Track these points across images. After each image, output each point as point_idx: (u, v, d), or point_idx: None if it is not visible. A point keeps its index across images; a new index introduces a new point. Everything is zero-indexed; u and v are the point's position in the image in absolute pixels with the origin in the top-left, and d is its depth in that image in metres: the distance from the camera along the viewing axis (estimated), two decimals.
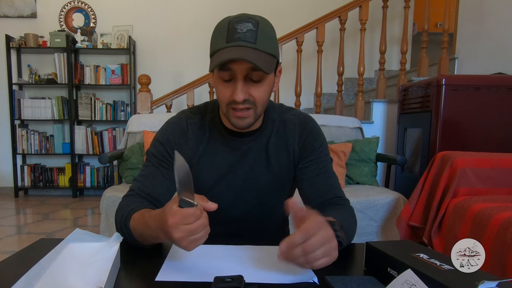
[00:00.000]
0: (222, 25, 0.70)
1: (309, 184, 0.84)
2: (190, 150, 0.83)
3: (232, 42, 0.67)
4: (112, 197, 1.78)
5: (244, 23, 0.68)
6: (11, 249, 2.17)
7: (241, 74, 0.69)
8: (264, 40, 0.69)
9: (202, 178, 0.84)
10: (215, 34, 0.72)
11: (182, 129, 0.83)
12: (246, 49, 0.67)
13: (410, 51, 3.76)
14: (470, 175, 1.55)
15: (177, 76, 3.79)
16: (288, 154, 0.86)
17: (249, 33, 0.67)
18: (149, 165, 0.82)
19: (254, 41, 0.68)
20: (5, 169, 3.79)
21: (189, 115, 0.86)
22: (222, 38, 0.69)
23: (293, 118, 0.88)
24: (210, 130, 0.85)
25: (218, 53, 0.69)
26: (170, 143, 0.81)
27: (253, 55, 0.66)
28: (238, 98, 0.70)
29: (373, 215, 1.86)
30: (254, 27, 0.68)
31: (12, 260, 0.65)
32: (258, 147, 0.85)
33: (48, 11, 3.69)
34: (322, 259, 0.53)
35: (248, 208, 0.88)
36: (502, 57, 2.47)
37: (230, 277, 0.54)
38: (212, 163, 0.84)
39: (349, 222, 0.76)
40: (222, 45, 0.68)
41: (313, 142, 0.86)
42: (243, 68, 0.69)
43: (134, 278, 0.60)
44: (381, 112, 2.85)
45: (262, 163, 0.85)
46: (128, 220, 0.70)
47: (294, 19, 3.25)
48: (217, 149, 0.84)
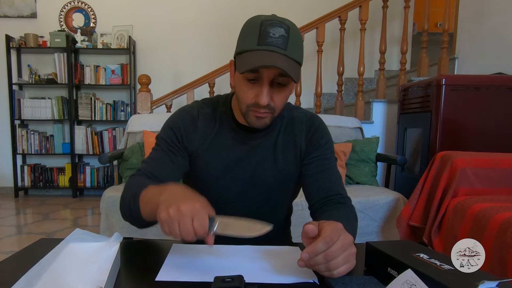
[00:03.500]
0: (253, 25, 0.70)
1: (312, 180, 0.85)
2: (198, 138, 0.84)
3: (264, 46, 0.68)
4: (112, 197, 1.78)
5: (277, 27, 0.68)
6: (11, 249, 2.17)
7: (268, 78, 0.70)
8: (294, 47, 0.70)
9: (209, 168, 0.85)
10: (245, 32, 0.72)
11: (193, 117, 0.84)
12: (277, 55, 0.68)
13: (410, 51, 3.76)
14: (470, 175, 1.55)
15: (177, 76, 3.79)
16: (295, 151, 0.87)
17: (281, 39, 0.68)
18: (158, 149, 0.83)
19: (285, 48, 0.68)
20: (5, 169, 3.79)
21: (202, 105, 0.87)
22: (253, 39, 0.69)
23: (300, 115, 0.89)
24: (221, 122, 0.85)
25: (248, 54, 0.69)
26: (180, 129, 0.83)
27: (283, 62, 0.67)
28: (263, 102, 0.71)
29: (373, 215, 1.86)
30: (286, 33, 0.69)
31: (12, 260, 0.65)
32: (266, 143, 0.86)
33: (48, 11, 3.69)
34: (343, 266, 0.54)
35: (252, 203, 0.88)
36: (502, 57, 2.47)
37: (230, 277, 0.54)
38: (220, 155, 0.84)
39: (351, 223, 0.76)
40: (252, 47, 0.69)
41: (319, 139, 0.87)
42: (271, 73, 0.69)
43: (134, 278, 0.60)
44: (381, 112, 2.85)
45: (270, 159, 0.86)
46: (138, 193, 0.70)
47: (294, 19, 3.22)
48: (226, 142, 0.85)
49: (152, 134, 2.08)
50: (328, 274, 0.55)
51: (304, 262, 0.54)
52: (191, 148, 0.84)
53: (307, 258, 0.54)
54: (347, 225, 0.68)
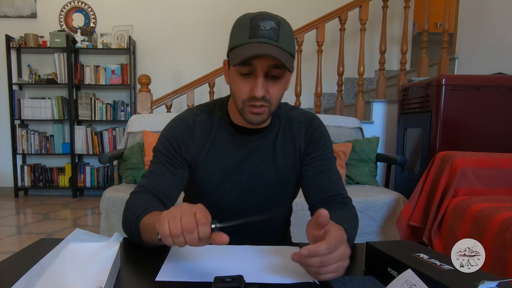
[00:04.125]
0: (243, 21, 0.71)
1: (312, 181, 0.84)
2: (196, 147, 0.83)
3: (255, 38, 0.68)
4: (112, 197, 1.78)
5: (267, 20, 0.69)
6: (11, 249, 2.17)
7: (262, 70, 0.70)
8: (286, 39, 0.70)
9: (208, 175, 0.84)
10: (236, 29, 0.72)
11: (189, 126, 0.83)
12: (269, 46, 0.68)
13: (410, 51, 3.76)
14: (470, 175, 1.55)
15: (177, 76, 3.79)
16: (295, 151, 0.86)
17: (272, 31, 0.68)
18: (156, 162, 0.82)
19: (277, 39, 0.69)
20: (5, 169, 3.79)
21: (197, 112, 0.86)
22: (244, 33, 0.69)
23: (299, 116, 0.88)
24: (218, 127, 0.85)
25: (240, 48, 0.69)
26: (177, 140, 0.82)
27: (277, 52, 0.67)
28: (258, 94, 0.70)
29: (373, 215, 1.86)
30: (277, 26, 0.69)
31: (12, 260, 0.65)
32: (265, 144, 0.85)
33: (48, 11, 3.69)
34: (331, 274, 0.55)
35: (252, 206, 0.88)
36: (502, 57, 2.47)
37: (230, 277, 0.54)
38: (219, 161, 0.84)
39: (352, 224, 0.76)
40: (244, 41, 0.69)
41: (318, 139, 0.86)
42: (265, 65, 0.69)
43: (134, 278, 0.60)
44: (381, 112, 2.85)
45: (269, 160, 0.85)
46: (139, 220, 0.69)
47: (294, 19, 3.23)
48: (224, 147, 0.84)
49: (152, 134, 2.08)
50: (314, 275, 0.56)
51: (298, 258, 0.54)
52: (190, 158, 0.83)
53: (305, 255, 0.53)
54: (349, 227, 0.68)
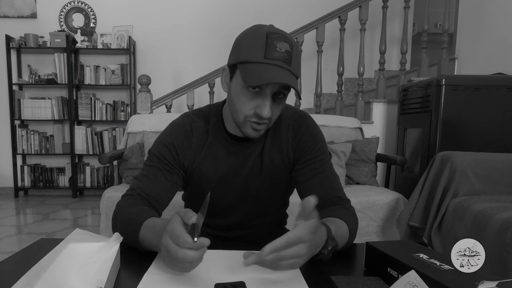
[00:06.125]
0: (257, 34, 0.70)
1: (307, 185, 0.83)
2: (193, 153, 0.83)
3: (271, 60, 0.68)
4: (112, 197, 1.78)
5: (283, 42, 0.69)
6: (11, 249, 2.17)
7: (271, 91, 0.71)
8: (296, 64, 0.71)
9: (204, 180, 0.85)
10: (249, 41, 0.70)
11: (187, 132, 0.83)
12: (282, 70, 0.68)
13: (410, 51, 3.76)
14: (470, 175, 1.55)
15: (177, 76, 3.79)
16: (281, 155, 0.85)
17: (287, 54, 0.69)
18: (151, 165, 0.81)
19: (290, 64, 0.69)
20: (5, 169, 3.79)
21: (194, 118, 0.85)
22: (258, 50, 0.68)
23: (287, 116, 0.87)
24: (213, 134, 0.85)
25: (255, 66, 0.69)
26: (174, 146, 0.81)
27: (289, 78, 0.68)
28: (265, 115, 0.71)
29: (373, 215, 1.86)
30: (290, 49, 0.69)
31: (12, 260, 0.65)
32: (257, 150, 0.85)
33: (48, 11, 3.69)
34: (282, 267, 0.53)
35: (247, 210, 0.89)
36: (502, 57, 2.47)
37: (231, 284, 0.53)
38: (214, 167, 0.84)
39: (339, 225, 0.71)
40: (259, 59, 0.68)
41: (307, 142, 0.85)
42: (275, 87, 0.70)
43: (134, 278, 0.60)
44: (381, 112, 2.85)
45: (259, 165, 0.85)
46: (137, 231, 0.68)
47: (294, 19, 3.25)
48: (219, 153, 0.84)
49: (152, 134, 2.08)
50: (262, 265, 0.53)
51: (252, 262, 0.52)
52: (187, 163, 0.83)
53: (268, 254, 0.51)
54: (334, 227, 0.66)
